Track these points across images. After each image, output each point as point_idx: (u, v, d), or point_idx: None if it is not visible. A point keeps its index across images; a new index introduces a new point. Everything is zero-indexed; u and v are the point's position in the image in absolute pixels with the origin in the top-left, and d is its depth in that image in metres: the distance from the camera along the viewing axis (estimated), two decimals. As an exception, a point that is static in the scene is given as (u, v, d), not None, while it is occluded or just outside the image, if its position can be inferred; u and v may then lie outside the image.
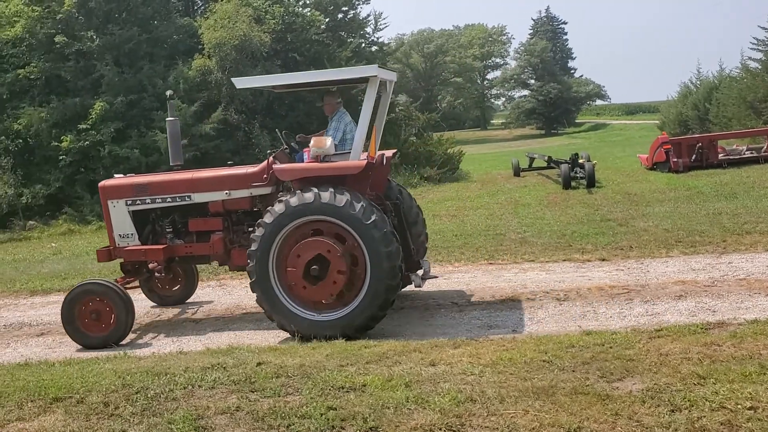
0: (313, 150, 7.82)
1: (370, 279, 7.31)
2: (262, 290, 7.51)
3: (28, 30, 22.74)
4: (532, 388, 5.20)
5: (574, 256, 10.47)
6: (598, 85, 78.87)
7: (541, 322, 7.63)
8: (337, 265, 7.29)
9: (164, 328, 8.77)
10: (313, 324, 7.49)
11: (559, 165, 20.84)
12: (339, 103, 8.81)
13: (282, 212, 7.35)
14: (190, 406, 5.35)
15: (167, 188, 8.61)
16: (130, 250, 8.72)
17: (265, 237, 7.39)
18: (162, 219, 8.79)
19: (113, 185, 8.91)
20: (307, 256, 7.32)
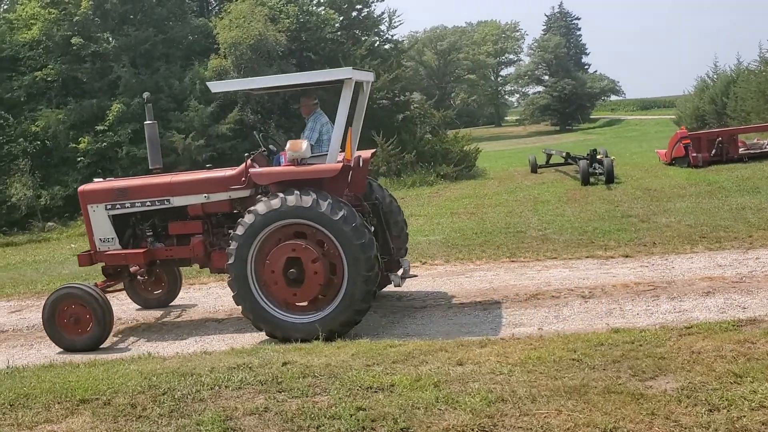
0: (288, 153, 7.81)
1: (347, 277, 7.28)
2: (239, 289, 7.52)
3: (45, 32, 22.90)
4: (563, 387, 5.13)
5: (596, 253, 10.36)
6: (612, 80, 78.37)
7: (567, 319, 7.55)
8: (313, 267, 7.30)
9: (187, 327, 8.75)
10: (290, 325, 7.50)
11: (577, 161, 20.68)
12: (315, 104, 8.87)
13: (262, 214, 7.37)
14: (218, 407, 5.32)
15: (146, 192, 8.61)
16: (110, 254, 8.72)
17: (246, 236, 7.40)
18: (142, 223, 8.79)
19: (92, 189, 8.90)
20: (282, 259, 7.35)
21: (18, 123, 21.97)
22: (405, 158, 23.04)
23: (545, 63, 74.59)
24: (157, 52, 23.11)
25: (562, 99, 68.53)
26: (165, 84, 22.28)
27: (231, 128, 21.71)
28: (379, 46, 28.40)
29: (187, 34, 24.35)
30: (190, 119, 21.34)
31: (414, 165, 23.09)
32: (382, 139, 22.98)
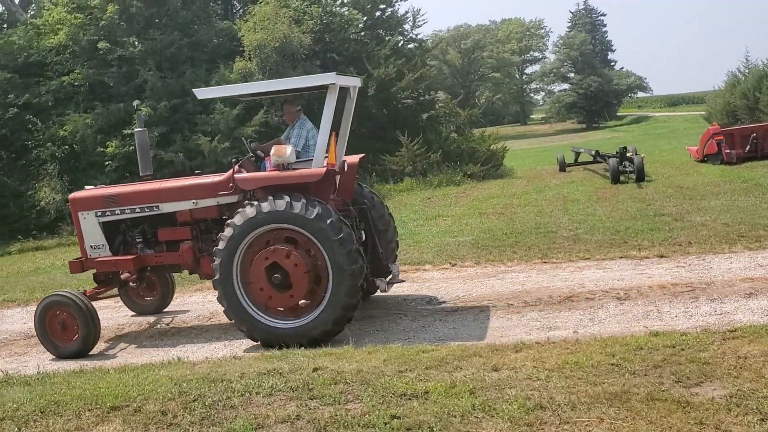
0: (273, 159, 7.80)
1: (332, 274, 7.26)
2: (223, 289, 7.51)
3: (71, 37, 23.09)
4: (603, 393, 4.96)
5: (630, 253, 10.12)
6: (639, 76, 77.45)
7: (603, 322, 7.35)
8: (294, 270, 7.32)
9: (216, 332, 8.69)
10: (271, 330, 7.53)
11: (606, 159, 20.35)
12: (299, 110, 9.01)
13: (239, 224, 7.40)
14: (249, 414, 5.23)
15: (136, 199, 8.63)
16: (101, 261, 8.77)
17: (228, 249, 7.43)
18: (132, 229, 8.80)
19: (83, 197, 8.94)
20: (266, 264, 7.37)
21: (46, 128, 22.17)
22: (431, 158, 22.85)
23: (571, 60, 73.95)
24: (183, 56, 23.18)
25: (589, 96, 67.84)
26: (191, 87, 22.25)
27: (256, 130, 21.68)
28: (403, 46, 28.25)
29: (212, 37, 24.38)
30: (215, 122, 21.37)
31: (440, 165, 22.88)
32: (407, 139, 22.84)
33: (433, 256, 11.29)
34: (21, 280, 14.00)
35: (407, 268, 10.72)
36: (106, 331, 9.36)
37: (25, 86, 22.88)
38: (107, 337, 9.02)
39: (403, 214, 16.77)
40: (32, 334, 9.48)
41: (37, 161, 21.75)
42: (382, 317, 8.41)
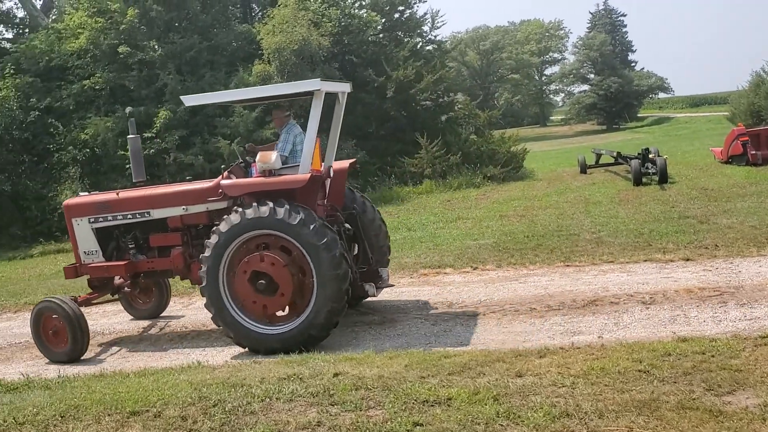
0: (258, 165, 7.88)
1: (317, 279, 7.30)
2: (210, 296, 7.58)
3: (92, 41, 23.23)
4: (631, 401, 4.83)
5: (655, 256, 9.94)
6: (660, 77, 76.65)
7: (628, 327, 7.21)
8: (281, 280, 7.39)
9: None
10: (258, 336, 7.57)
11: (628, 161, 20.10)
12: (288, 116, 9.02)
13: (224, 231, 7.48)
14: (269, 420, 5.17)
15: (127, 205, 8.73)
16: (94, 266, 8.86)
17: (213, 256, 7.51)
18: (125, 235, 8.89)
19: (76, 204, 9.07)
20: (250, 270, 7.44)
21: (68, 131, 22.32)
22: (450, 160, 22.72)
23: (590, 61, 73.28)
24: (202, 59, 23.25)
25: (609, 97, 67.17)
26: (210, 90, 22.30)
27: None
28: (422, 48, 28.14)
29: (231, 40, 24.44)
30: (235, 125, 21.39)
31: (459, 167, 22.74)
32: (427, 141, 22.73)
33: (454, 259, 11.17)
34: (43, 282, 14.07)
35: (428, 271, 10.62)
36: (127, 333, 9.38)
37: (46, 90, 23.07)
38: (128, 340, 9.03)
39: (422, 216, 16.68)
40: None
41: (58, 164, 21.91)
42: (403, 321, 8.32)
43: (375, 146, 24.20)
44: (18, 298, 12.02)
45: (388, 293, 9.66)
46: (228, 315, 7.59)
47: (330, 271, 7.22)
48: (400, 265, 11.11)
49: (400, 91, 23.93)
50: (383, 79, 24.08)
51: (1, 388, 7.00)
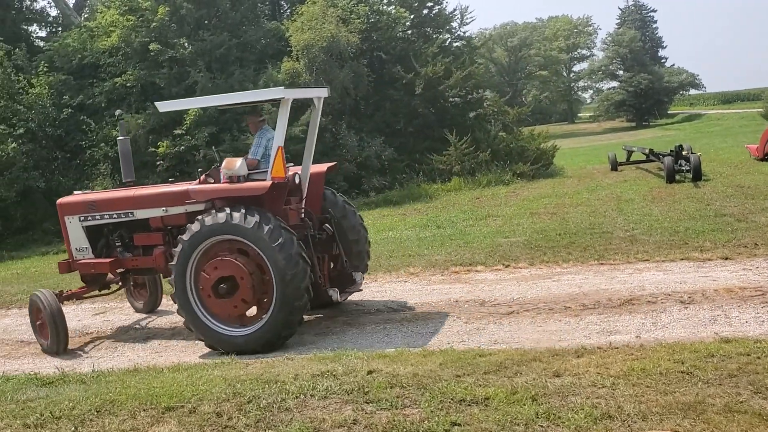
0: (224, 171, 8.05)
1: (275, 280, 7.44)
2: (180, 301, 7.84)
3: (123, 39, 23.45)
4: (675, 403, 4.72)
5: (692, 255, 9.75)
6: (691, 73, 75.32)
7: (667, 327, 7.06)
8: (241, 283, 7.58)
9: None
10: (226, 338, 7.75)
11: (661, 158, 19.77)
12: (262, 120, 9.29)
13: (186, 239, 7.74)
14: (304, 417, 5.13)
15: (113, 205, 9.03)
16: (83, 263, 9.22)
17: (180, 263, 7.75)
18: (112, 234, 9.18)
19: (68, 202, 9.38)
20: (215, 274, 7.64)
21: (99, 128, 22.54)
22: (479, 157, 22.54)
23: (620, 58, 72.38)
24: (232, 56, 23.33)
25: (638, 94, 66.31)
26: (240, 87, 22.39)
27: (303, 130, 21.67)
28: (450, 44, 27.96)
29: (260, 37, 24.49)
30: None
31: (489, 164, 22.56)
32: (455, 138, 22.58)
33: (485, 257, 11.06)
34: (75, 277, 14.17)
35: (459, 269, 10.52)
36: (159, 328, 9.42)
37: (79, 88, 23.32)
38: (159, 335, 9.06)
39: (451, 214, 16.57)
40: (86, 331, 9.63)
41: (90, 161, 22.14)
42: (435, 319, 8.24)
43: (403, 143, 24.13)
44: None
45: (419, 290, 9.62)
46: (198, 320, 7.81)
47: (287, 270, 7.34)
48: (431, 263, 11.04)
49: (428, 88, 23.80)
50: (412, 75, 23.96)
51: (36, 381, 7.06)
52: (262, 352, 7.48)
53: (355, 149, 22.27)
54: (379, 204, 20.22)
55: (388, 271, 10.87)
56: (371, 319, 8.55)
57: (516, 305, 8.43)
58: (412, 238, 13.49)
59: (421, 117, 24.57)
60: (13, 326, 10.26)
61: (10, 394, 6.54)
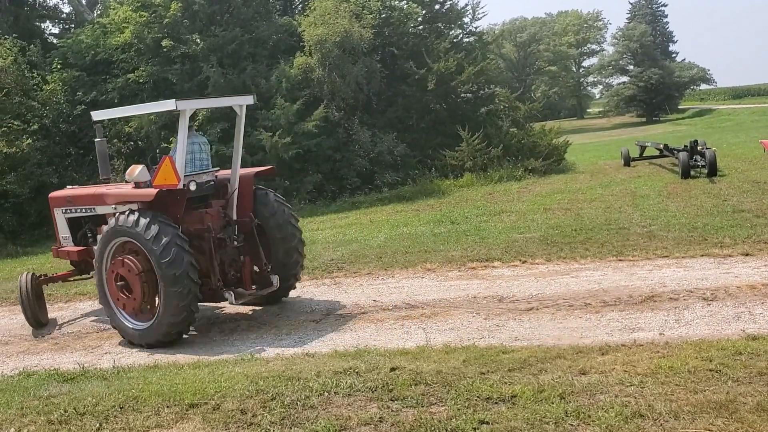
0: (127, 177, 8.75)
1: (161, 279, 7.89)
2: (101, 296, 8.58)
3: (136, 35, 23.45)
4: (706, 402, 4.67)
5: (712, 251, 9.67)
6: (702, 68, 74.91)
7: (690, 324, 7.00)
8: (132, 283, 8.12)
9: (286, 327, 8.60)
10: (131, 331, 8.39)
11: (675, 153, 19.65)
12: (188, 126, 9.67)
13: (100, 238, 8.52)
14: (330, 415, 5.11)
15: (81, 201, 9.93)
16: (63, 250, 10.31)
17: (99, 258, 8.51)
18: (86, 225, 10.09)
19: (55, 196, 10.42)
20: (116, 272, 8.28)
21: (112, 124, 22.58)
22: (491, 153, 22.47)
23: (630, 52, 72.08)
24: (244, 52, 23.30)
25: (649, 89, 66.02)
26: (252, 83, 22.43)
27: (316, 125, 21.66)
28: (462, 39, 27.85)
29: (273, 33, 24.42)
30: (276, 117, 21.41)
31: (501, 159, 22.48)
32: (468, 134, 22.51)
33: (501, 252, 11.01)
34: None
35: (476, 264, 10.48)
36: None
37: (92, 84, 23.35)
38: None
39: (465, 209, 16.52)
40: (103, 327, 9.62)
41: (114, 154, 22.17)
42: (454, 316, 8.20)
43: (415, 139, 24.06)
44: (68, 288, 12.14)
45: (437, 286, 9.58)
46: (115, 315, 8.49)
47: (168, 271, 7.78)
48: (447, 259, 10.99)
49: (440, 84, 23.72)
50: (424, 71, 23.90)
51: (58, 377, 7.08)
52: (157, 347, 8.12)
53: (367, 145, 22.23)
54: (391, 200, 20.18)
55: (405, 267, 10.83)
56: (389, 315, 8.52)
57: (535, 301, 8.38)
58: (427, 234, 13.44)
59: (433, 113, 24.51)
60: (31, 322, 10.28)
61: (33, 390, 6.56)
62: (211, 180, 9.19)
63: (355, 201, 20.63)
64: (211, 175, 9.26)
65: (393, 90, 24.58)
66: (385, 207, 19.00)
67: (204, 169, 9.14)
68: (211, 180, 9.19)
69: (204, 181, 9.01)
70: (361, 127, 22.69)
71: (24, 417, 5.75)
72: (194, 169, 9.00)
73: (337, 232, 15.09)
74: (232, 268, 8.80)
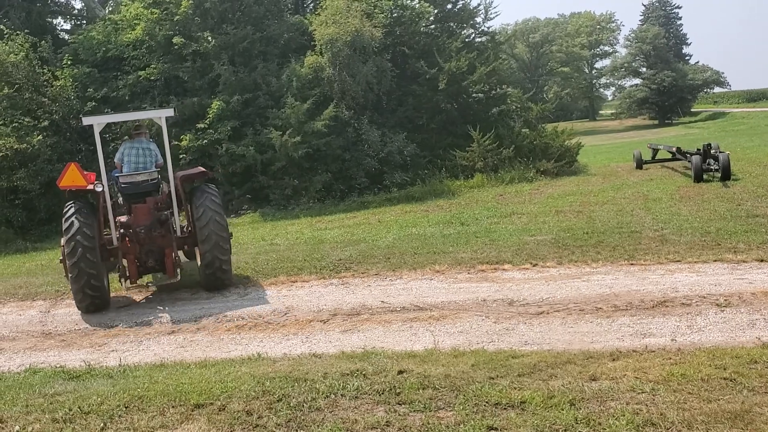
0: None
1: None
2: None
3: (147, 32, 23.46)
4: (720, 411, 4.56)
5: (725, 257, 9.54)
6: (716, 71, 74.45)
7: (703, 331, 6.88)
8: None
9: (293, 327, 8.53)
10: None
11: (688, 156, 19.47)
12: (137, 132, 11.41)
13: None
14: (336, 418, 5.04)
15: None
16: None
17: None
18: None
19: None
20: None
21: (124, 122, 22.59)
22: (502, 153, 22.35)
23: (643, 54, 71.75)
24: (255, 50, 23.27)
25: (661, 91, 65.73)
26: (263, 81, 22.41)
27: (326, 124, 21.60)
28: (474, 39, 27.74)
29: (284, 31, 24.39)
30: (286, 116, 21.37)
31: (512, 160, 22.35)
32: (479, 134, 22.39)
33: (512, 255, 10.91)
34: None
35: (485, 267, 10.38)
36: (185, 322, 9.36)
37: (103, 80, 23.37)
38: (185, 330, 9.00)
39: (475, 210, 16.42)
40: (111, 324, 9.59)
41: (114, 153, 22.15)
42: (463, 318, 8.11)
43: (426, 139, 23.97)
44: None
45: (446, 288, 9.49)
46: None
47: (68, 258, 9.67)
48: (456, 261, 10.90)
49: (452, 83, 23.62)
50: (435, 70, 23.80)
51: (63, 375, 7.03)
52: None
53: (377, 144, 22.15)
54: (401, 200, 20.10)
55: (413, 268, 10.74)
56: (397, 317, 8.43)
57: (545, 305, 8.28)
58: (436, 235, 13.35)
59: (443, 113, 24.41)
60: (38, 318, 10.26)
61: (38, 387, 6.51)
62: (147, 180, 10.67)
63: (364, 201, 20.56)
64: (148, 176, 10.69)
65: (403, 89, 24.50)
66: (394, 207, 18.93)
67: (140, 171, 10.70)
68: (147, 180, 10.67)
69: (139, 181, 10.65)
70: (370, 126, 22.62)
71: (29, 415, 5.71)
72: (129, 171, 10.74)
73: (345, 232, 15.03)
74: (151, 257, 10.36)
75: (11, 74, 21.58)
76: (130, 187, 10.66)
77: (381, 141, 22.32)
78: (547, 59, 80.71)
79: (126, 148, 11.07)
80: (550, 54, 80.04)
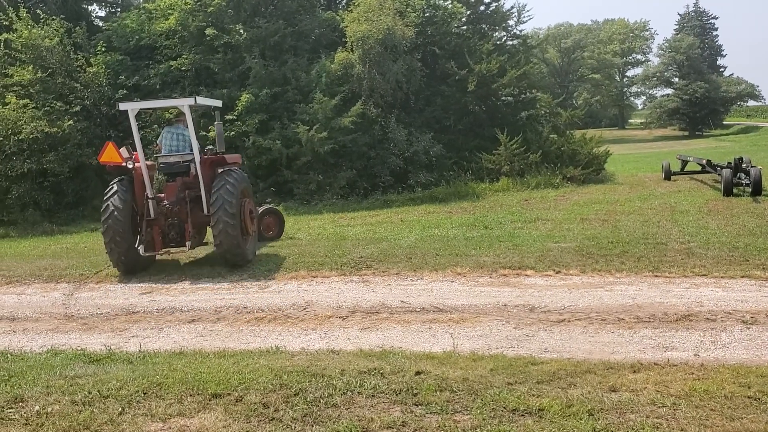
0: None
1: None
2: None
3: (180, 23, 23.63)
4: (743, 430, 4.48)
5: (754, 273, 9.38)
6: (751, 84, 73.40)
7: (728, 347, 6.77)
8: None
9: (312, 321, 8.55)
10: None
11: (719, 169, 19.20)
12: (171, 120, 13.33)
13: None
14: (352, 415, 5.03)
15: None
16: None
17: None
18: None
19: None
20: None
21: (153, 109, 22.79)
22: (529, 158, 22.20)
23: (676, 64, 70.94)
24: (286, 45, 23.35)
25: (693, 102, 64.93)
26: (292, 76, 22.48)
27: (353, 121, 21.62)
28: (505, 42, 27.61)
29: (315, 27, 24.47)
30: (314, 111, 21.42)
31: (539, 165, 22.21)
32: (506, 137, 22.27)
33: (535, 261, 10.82)
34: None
35: (508, 272, 10.31)
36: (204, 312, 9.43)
37: (135, 69, 23.60)
38: (205, 319, 9.05)
39: (499, 214, 16.34)
40: (132, 310, 9.67)
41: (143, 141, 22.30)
42: (483, 322, 8.07)
43: (452, 140, 23.91)
44: (101, 269, 12.29)
45: (467, 291, 9.45)
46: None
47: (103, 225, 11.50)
48: (478, 264, 10.84)
49: (481, 85, 23.53)
50: (465, 72, 23.71)
51: (84, 358, 7.11)
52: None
53: (402, 143, 22.12)
54: (424, 200, 20.06)
55: (435, 269, 10.71)
56: (417, 318, 8.41)
57: (567, 313, 8.20)
58: (459, 238, 13.30)
59: (471, 114, 24.33)
60: (61, 300, 10.39)
61: (59, 369, 6.59)
62: (179, 161, 11.87)
63: (387, 199, 20.55)
64: (180, 158, 11.89)
65: (432, 89, 24.45)
66: (418, 207, 18.89)
67: (173, 153, 12.02)
68: (179, 161, 11.87)
69: (172, 162, 11.91)
70: (397, 125, 22.59)
71: (49, 396, 5.77)
72: (165, 153, 12.12)
73: (368, 230, 15.02)
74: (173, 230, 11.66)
75: (45, 59, 21.86)
76: (165, 167, 12.12)
77: (407, 140, 22.30)
78: (578, 65, 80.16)
79: (166, 132, 12.50)
80: (581, 60, 79.47)
